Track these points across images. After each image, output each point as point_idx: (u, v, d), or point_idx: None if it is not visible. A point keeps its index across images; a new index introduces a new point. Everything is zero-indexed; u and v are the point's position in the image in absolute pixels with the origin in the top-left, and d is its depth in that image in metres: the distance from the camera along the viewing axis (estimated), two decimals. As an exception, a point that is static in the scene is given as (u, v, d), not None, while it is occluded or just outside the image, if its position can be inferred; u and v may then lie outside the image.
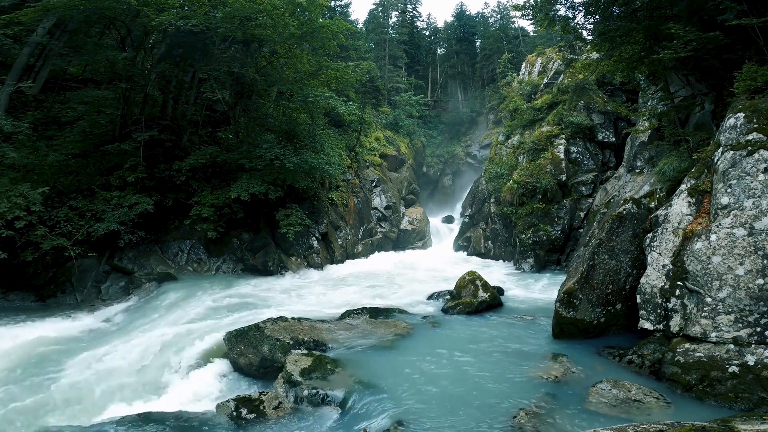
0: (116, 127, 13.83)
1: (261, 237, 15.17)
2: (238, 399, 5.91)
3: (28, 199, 10.23)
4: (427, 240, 24.82)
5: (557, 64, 23.05)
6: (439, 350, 7.25)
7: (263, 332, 7.51)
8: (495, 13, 51.52)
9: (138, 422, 5.51)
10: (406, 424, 4.87)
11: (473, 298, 10.11)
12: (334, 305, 10.80)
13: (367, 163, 24.74)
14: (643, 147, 14.13)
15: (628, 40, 9.94)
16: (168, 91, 15.85)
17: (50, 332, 9.14)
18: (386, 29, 43.85)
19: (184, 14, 13.30)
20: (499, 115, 32.19)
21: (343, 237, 19.08)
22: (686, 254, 6.31)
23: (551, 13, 11.79)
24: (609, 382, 5.67)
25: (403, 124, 33.47)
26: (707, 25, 8.31)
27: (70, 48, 13.35)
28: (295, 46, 16.04)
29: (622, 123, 18.22)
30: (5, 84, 11.84)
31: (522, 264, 16.73)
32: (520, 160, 19.28)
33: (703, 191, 6.86)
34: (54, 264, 11.83)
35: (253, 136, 15.25)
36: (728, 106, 7.76)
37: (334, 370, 6.39)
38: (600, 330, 7.47)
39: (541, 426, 4.73)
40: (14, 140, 11.25)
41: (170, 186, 14.15)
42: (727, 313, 5.70)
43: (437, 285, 13.14)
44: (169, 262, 13.90)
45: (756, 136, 6.16)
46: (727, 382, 5.32)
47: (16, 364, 7.50)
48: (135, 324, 9.69)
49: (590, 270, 7.55)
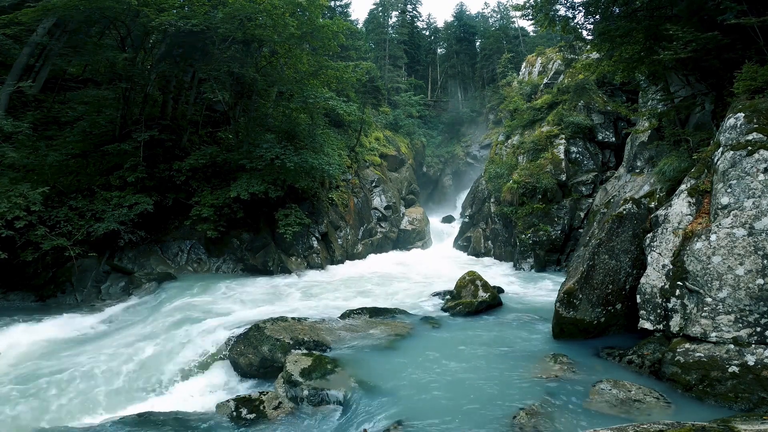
0: (116, 127, 13.83)
1: (261, 237, 15.17)
2: (238, 399, 5.91)
3: (28, 199, 10.23)
4: (427, 240, 24.82)
5: (557, 64, 23.05)
6: (439, 350, 7.25)
7: (263, 332, 7.51)
8: (495, 13, 51.64)
9: (138, 422, 5.51)
10: (406, 424, 4.87)
11: (473, 298, 10.10)
12: (334, 305, 10.80)
13: (367, 163, 24.73)
14: (643, 147, 14.12)
15: (628, 40, 9.94)
16: (168, 91, 15.85)
17: (50, 332, 9.14)
18: (386, 29, 43.86)
19: (184, 14, 13.30)
20: (499, 115, 32.19)
21: (343, 237, 19.08)
22: (686, 254, 6.30)
23: (551, 13, 11.79)
24: (609, 382, 5.67)
25: (403, 124, 33.48)
26: (707, 25, 8.31)
27: (70, 48, 13.35)
28: (295, 46, 16.03)
29: (622, 123, 18.21)
30: (5, 84, 11.83)
31: (522, 264, 16.73)
32: (520, 160, 19.28)
33: (703, 191, 6.86)
34: (54, 264, 11.83)
35: (253, 136, 15.25)
36: (728, 106, 7.76)
37: (334, 370, 6.39)
38: (600, 330, 7.47)
39: (541, 426, 4.73)
40: (14, 140, 11.25)
41: (170, 186, 14.15)
42: (727, 313, 5.70)
43: (437, 285, 13.14)
44: (169, 262, 13.90)
45: (756, 136, 6.15)
46: (727, 382, 5.32)
47: (16, 365, 7.51)
48: (135, 324, 9.69)
49: (590, 270, 7.55)
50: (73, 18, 12.48)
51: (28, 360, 7.72)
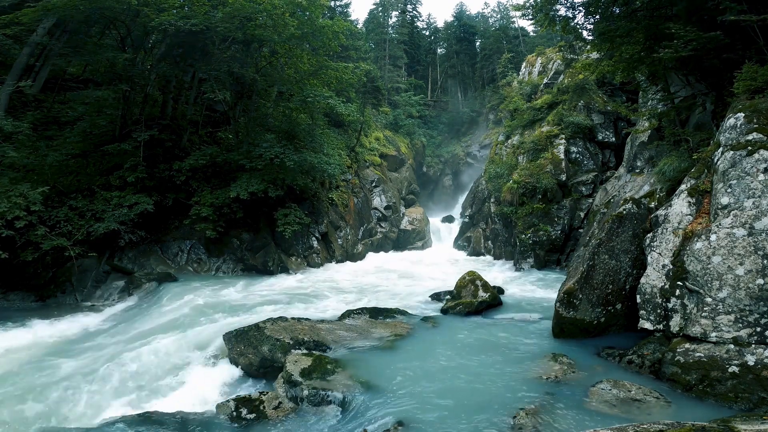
0: (116, 127, 13.83)
1: (261, 237, 15.17)
2: (238, 399, 5.90)
3: (28, 199, 10.23)
4: (427, 240, 24.82)
5: (557, 64, 23.05)
6: (439, 350, 7.24)
7: (263, 332, 7.50)
8: (495, 13, 51.68)
9: (138, 422, 5.51)
10: (406, 424, 4.87)
11: (473, 298, 10.10)
12: (334, 305, 10.80)
13: (367, 163, 24.74)
14: (643, 147, 14.12)
15: (628, 40, 9.93)
16: (168, 91, 15.85)
17: (50, 332, 9.14)
18: (386, 29, 43.86)
19: (184, 14, 13.30)
20: (499, 115, 32.18)
21: (343, 237, 19.08)
22: (686, 254, 6.30)
23: (551, 13, 11.80)
24: (609, 382, 5.66)
25: (403, 124, 33.48)
26: (707, 25, 8.31)
27: (70, 48, 13.34)
28: (295, 46, 16.04)
29: (622, 123, 18.22)
30: (5, 84, 11.83)
31: (522, 264, 16.73)
32: (520, 160, 19.28)
33: (703, 191, 6.86)
34: (54, 264, 11.83)
35: (253, 136, 15.25)
36: (728, 106, 7.76)
37: (334, 370, 6.38)
38: (600, 330, 7.47)
39: (540, 426, 4.72)
40: (14, 140, 11.24)
41: (170, 186, 14.15)
42: (727, 313, 5.70)
43: (437, 285, 13.14)
44: (169, 262, 13.90)
45: (756, 136, 6.15)
46: (727, 382, 5.31)
47: (16, 365, 7.50)
48: (134, 324, 9.69)
49: (590, 270, 7.55)
50: (73, 18, 12.48)
51: (28, 360, 7.72)
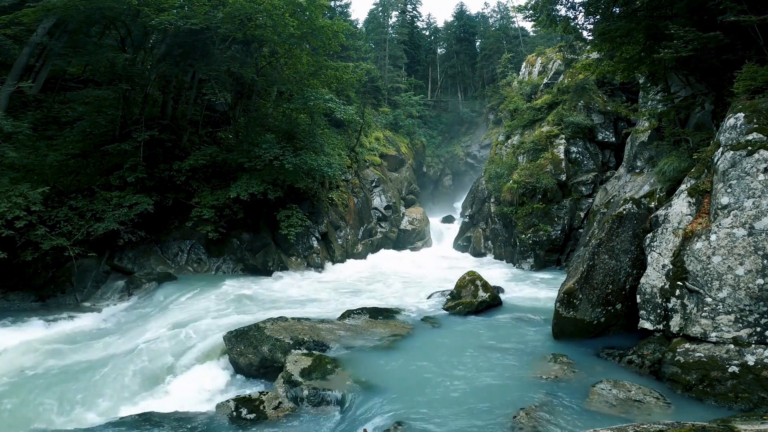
0: (116, 127, 13.83)
1: (261, 237, 15.17)
2: (238, 399, 5.91)
3: (28, 199, 10.23)
4: (427, 240, 24.82)
5: (557, 64, 23.05)
6: (439, 350, 7.25)
7: (263, 332, 7.51)
8: (495, 13, 51.61)
9: (138, 422, 5.51)
10: (406, 424, 4.86)
11: (473, 298, 10.10)
12: (334, 305, 10.80)
13: (367, 163, 24.74)
14: (643, 147, 14.12)
15: (628, 40, 9.94)
16: (168, 91, 15.85)
17: (50, 332, 9.15)
18: (386, 29, 43.80)
19: (184, 14, 13.30)
20: (499, 115, 32.19)
21: (343, 237, 19.08)
22: (686, 254, 6.30)
23: (552, 13, 11.81)
24: (609, 382, 5.66)
25: (403, 124, 33.47)
26: (707, 25, 8.30)
27: (70, 48, 13.34)
28: (295, 46, 16.04)
29: (622, 123, 18.21)
30: (5, 84, 11.83)
31: (522, 264, 16.73)
32: (520, 160, 19.28)
33: (703, 191, 6.85)
34: (54, 264, 11.82)
35: (253, 136, 15.25)
36: (728, 106, 7.76)
37: (334, 370, 6.38)
38: (600, 330, 7.47)
39: (540, 426, 4.72)
40: (14, 140, 11.24)
41: (170, 186, 14.15)
42: (727, 313, 5.70)
43: (437, 285, 13.14)
44: (169, 262, 13.90)
45: (756, 136, 6.15)
46: (727, 382, 5.31)
47: (16, 365, 7.50)
48: (134, 324, 9.69)
49: (590, 270, 7.54)
50: (73, 18, 12.48)
51: (28, 360, 7.72)
